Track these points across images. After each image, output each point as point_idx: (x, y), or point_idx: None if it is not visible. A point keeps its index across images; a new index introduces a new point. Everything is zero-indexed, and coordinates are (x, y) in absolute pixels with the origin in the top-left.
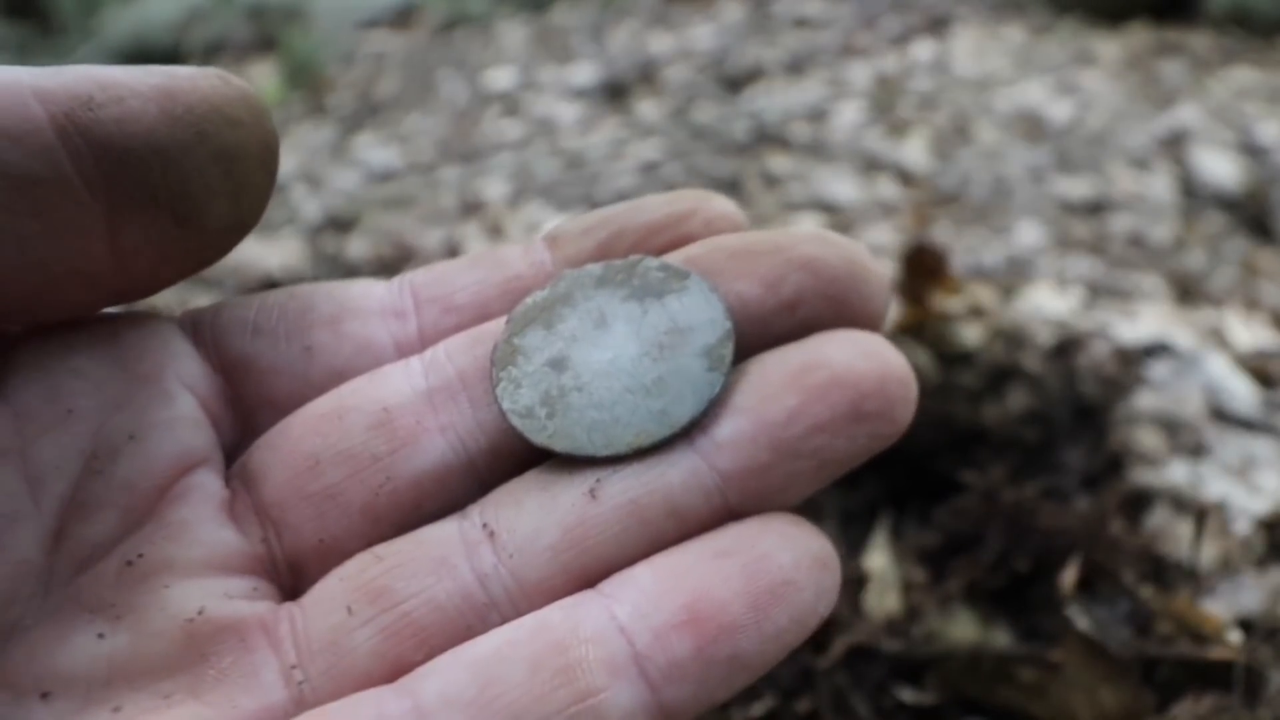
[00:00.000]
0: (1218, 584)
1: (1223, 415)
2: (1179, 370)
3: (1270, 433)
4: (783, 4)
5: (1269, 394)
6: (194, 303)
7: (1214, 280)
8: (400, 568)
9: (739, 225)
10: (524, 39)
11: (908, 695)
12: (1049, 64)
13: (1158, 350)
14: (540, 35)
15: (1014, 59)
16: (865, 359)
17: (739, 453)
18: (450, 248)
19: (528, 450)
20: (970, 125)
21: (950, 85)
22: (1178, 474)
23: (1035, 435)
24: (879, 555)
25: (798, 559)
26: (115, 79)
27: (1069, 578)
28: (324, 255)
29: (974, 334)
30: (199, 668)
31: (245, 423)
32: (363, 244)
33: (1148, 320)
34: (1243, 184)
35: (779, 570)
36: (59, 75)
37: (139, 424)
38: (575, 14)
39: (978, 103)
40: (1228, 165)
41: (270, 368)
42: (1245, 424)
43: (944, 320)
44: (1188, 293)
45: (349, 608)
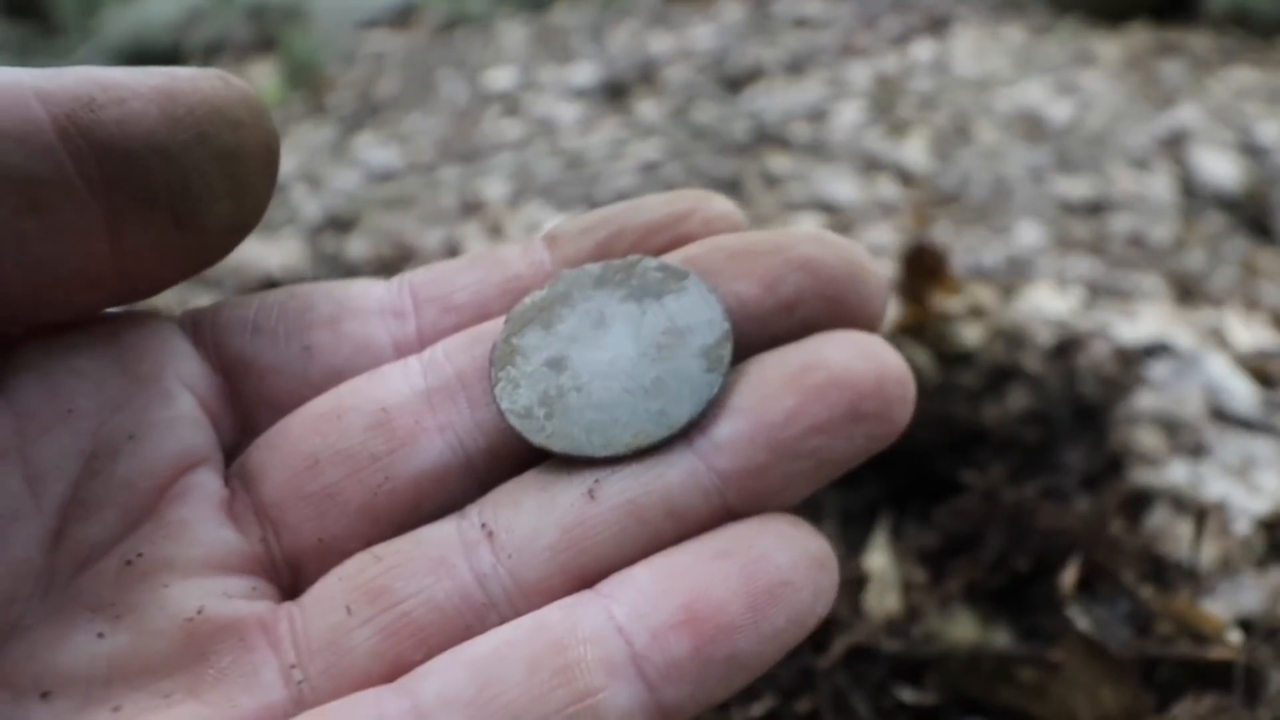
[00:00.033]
0: (1218, 584)
1: (1223, 415)
2: (1179, 370)
3: (1270, 433)
4: (783, 4)
5: (1269, 394)
6: (194, 303)
7: (1214, 280)
8: (399, 568)
9: (738, 225)
10: (524, 39)
11: (908, 695)
12: (1049, 64)
13: (1158, 350)
14: (540, 35)
15: (1014, 59)
16: (863, 360)
17: (737, 453)
18: (450, 248)
19: (526, 450)
20: (970, 125)
21: (950, 85)
22: (1178, 474)
23: (1035, 435)
24: (879, 555)
25: (796, 559)
26: (116, 80)
27: (1069, 578)
28: (324, 255)
29: (974, 334)
30: (198, 667)
31: (245, 422)
32: (363, 244)
33: (1148, 320)
34: (1243, 184)
35: (777, 570)
36: (60, 76)
37: (139, 423)
38: (575, 14)
39: (978, 103)
40: (1228, 165)
41: (270, 367)
42: (1245, 424)
43: (944, 320)
44: (1188, 293)
45: (348, 607)
